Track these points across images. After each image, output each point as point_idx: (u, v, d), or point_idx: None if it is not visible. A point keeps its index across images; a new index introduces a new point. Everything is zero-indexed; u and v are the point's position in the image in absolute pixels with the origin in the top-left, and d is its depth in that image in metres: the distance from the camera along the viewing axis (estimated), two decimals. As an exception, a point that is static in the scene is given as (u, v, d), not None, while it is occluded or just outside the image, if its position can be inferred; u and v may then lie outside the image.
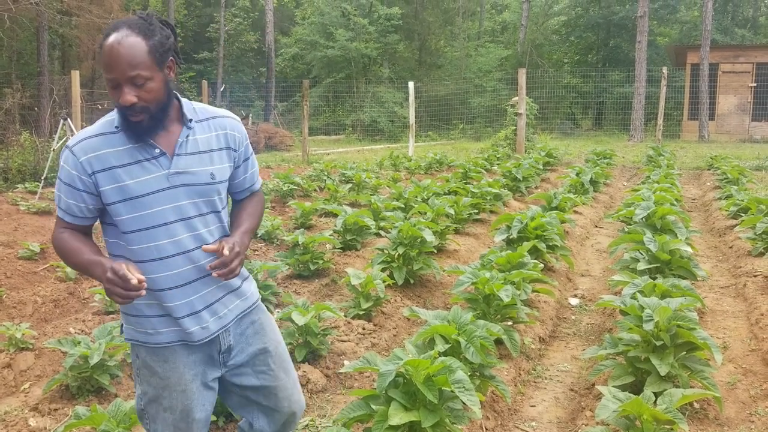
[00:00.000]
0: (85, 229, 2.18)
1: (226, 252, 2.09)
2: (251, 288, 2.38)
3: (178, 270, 2.13)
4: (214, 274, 2.10)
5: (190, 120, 2.15)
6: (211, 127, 2.20)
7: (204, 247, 2.12)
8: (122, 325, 2.29)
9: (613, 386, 3.33)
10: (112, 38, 1.95)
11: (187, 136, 2.13)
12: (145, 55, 1.95)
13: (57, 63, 24.80)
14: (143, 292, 1.95)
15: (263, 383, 2.35)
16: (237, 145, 2.26)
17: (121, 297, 1.95)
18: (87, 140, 2.06)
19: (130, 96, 1.95)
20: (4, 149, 12.55)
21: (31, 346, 4.52)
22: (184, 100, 2.17)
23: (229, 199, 2.41)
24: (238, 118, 2.34)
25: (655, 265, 5.41)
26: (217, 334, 2.23)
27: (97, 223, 2.22)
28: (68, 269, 6.08)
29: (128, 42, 1.94)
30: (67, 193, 2.08)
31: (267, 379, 2.35)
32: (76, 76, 11.45)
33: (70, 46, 22.91)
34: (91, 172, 2.03)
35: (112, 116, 2.09)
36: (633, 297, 4.04)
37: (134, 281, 1.93)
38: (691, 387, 3.48)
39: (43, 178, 10.17)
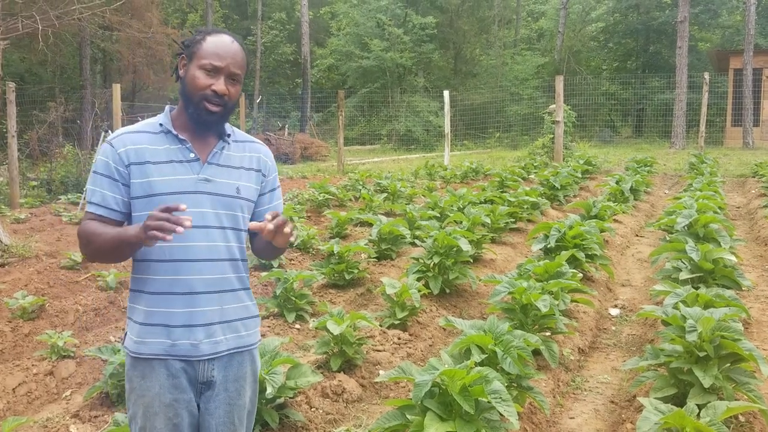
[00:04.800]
0: (116, 224, 2.09)
1: (281, 218, 2.01)
2: (253, 327, 2.25)
3: (185, 276, 2.07)
4: (270, 225, 1.97)
5: (228, 135, 2.21)
6: (245, 149, 2.26)
7: (252, 224, 2.04)
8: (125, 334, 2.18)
9: (654, 398, 3.25)
10: (223, 36, 2.17)
11: (222, 149, 2.18)
12: (244, 62, 2.20)
13: (99, 77, 25.43)
14: (188, 223, 1.84)
15: None
16: (267, 171, 2.30)
17: (167, 229, 1.83)
18: (126, 134, 2.13)
19: (224, 86, 2.11)
20: (48, 161, 12.90)
21: (72, 354, 4.60)
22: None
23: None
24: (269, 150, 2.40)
25: (697, 275, 5.28)
26: (204, 359, 2.10)
27: None
28: (109, 279, 6.15)
29: (238, 45, 2.18)
30: (105, 185, 2.08)
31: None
32: (117, 89, 11.70)
33: (111, 60, 23.50)
34: (127, 163, 2.08)
35: (156, 120, 2.18)
36: (675, 307, 3.95)
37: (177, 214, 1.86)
38: (735, 399, 3.38)
39: (85, 189, 10.38)
